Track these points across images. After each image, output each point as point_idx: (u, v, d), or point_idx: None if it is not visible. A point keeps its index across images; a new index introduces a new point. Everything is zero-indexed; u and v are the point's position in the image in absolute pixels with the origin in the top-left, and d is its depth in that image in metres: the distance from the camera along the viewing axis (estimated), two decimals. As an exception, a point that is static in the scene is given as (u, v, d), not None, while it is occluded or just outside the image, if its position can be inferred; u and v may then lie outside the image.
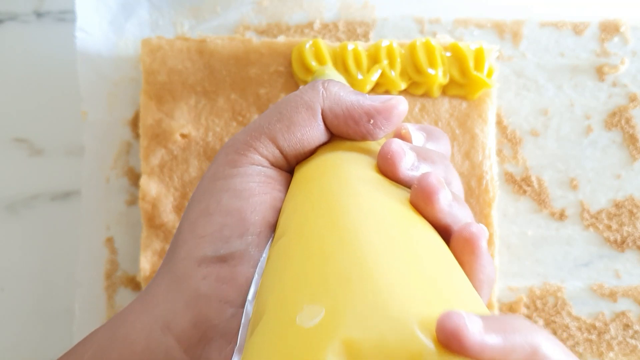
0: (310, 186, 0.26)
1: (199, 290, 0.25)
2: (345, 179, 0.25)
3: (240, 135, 0.28)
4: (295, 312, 0.20)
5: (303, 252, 0.22)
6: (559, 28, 0.43)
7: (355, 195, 0.24)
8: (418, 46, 0.39)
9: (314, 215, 0.24)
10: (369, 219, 0.23)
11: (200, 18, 0.43)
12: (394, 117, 0.28)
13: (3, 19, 0.45)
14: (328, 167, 0.27)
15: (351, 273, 0.20)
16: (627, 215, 0.41)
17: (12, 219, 0.43)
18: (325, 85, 0.29)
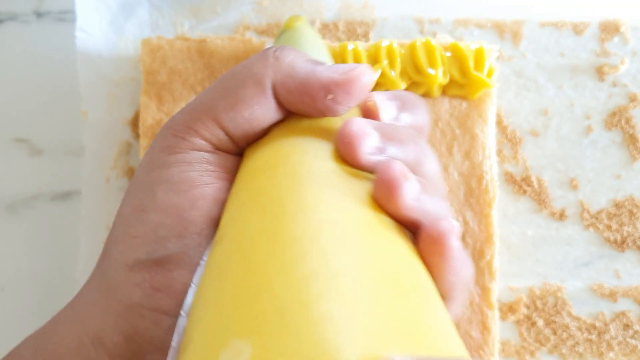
0: (257, 182, 0.23)
1: (132, 299, 0.22)
2: (298, 178, 0.22)
3: (180, 115, 0.24)
4: (220, 347, 0.17)
5: (238, 271, 0.19)
6: (559, 28, 0.43)
7: (305, 203, 0.21)
8: (418, 46, 0.39)
9: (256, 223, 0.21)
10: (319, 234, 0.19)
11: (200, 18, 0.43)
12: (357, 90, 0.24)
13: (3, 19, 0.45)
14: (279, 159, 0.23)
15: (286, 304, 0.17)
16: (627, 215, 0.42)
17: (12, 219, 0.43)
18: (277, 53, 0.24)
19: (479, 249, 0.39)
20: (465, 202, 0.39)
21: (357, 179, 0.22)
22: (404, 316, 0.18)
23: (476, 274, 0.39)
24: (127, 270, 0.23)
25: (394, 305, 0.18)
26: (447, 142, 0.40)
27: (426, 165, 0.24)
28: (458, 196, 0.39)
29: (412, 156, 0.24)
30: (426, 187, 0.23)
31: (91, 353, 0.23)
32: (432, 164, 0.25)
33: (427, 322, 0.19)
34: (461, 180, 0.39)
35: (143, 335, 0.22)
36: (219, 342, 0.17)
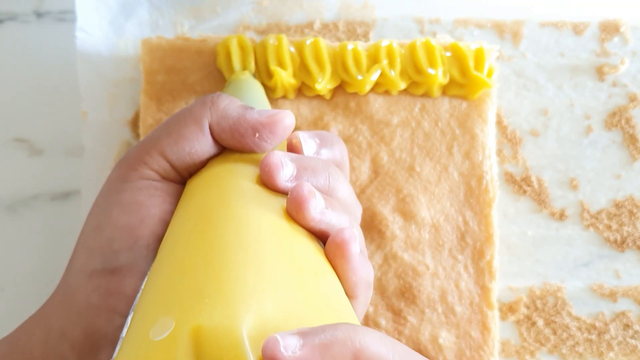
0: (192, 200, 0.27)
1: (90, 301, 0.27)
2: (225, 193, 0.26)
3: (133, 150, 0.29)
4: (151, 324, 0.21)
5: (169, 266, 0.23)
6: (559, 28, 0.43)
7: (230, 212, 0.25)
8: (418, 46, 0.39)
9: (187, 229, 0.25)
10: (238, 232, 0.24)
11: (200, 18, 0.43)
12: (279, 130, 0.29)
13: (3, 18, 0.45)
14: (211, 181, 0.28)
15: (205, 285, 0.21)
16: (627, 215, 0.42)
17: (12, 219, 0.43)
18: (214, 99, 0.29)
19: (479, 249, 0.39)
20: (465, 202, 0.39)
21: (275, 197, 0.27)
22: (308, 293, 0.22)
23: (476, 274, 0.39)
24: (86, 278, 0.27)
25: (300, 285, 0.23)
26: (447, 142, 0.40)
27: (338, 190, 0.29)
28: (458, 196, 0.39)
29: (324, 182, 0.29)
30: (332, 205, 0.28)
31: (57, 346, 0.27)
32: (343, 189, 0.29)
33: (331, 300, 0.23)
34: (461, 180, 0.39)
35: (99, 331, 0.26)
36: (150, 320, 0.21)
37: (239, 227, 0.24)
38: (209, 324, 0.20)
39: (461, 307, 0.38)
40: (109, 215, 0.28)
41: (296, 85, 0.39)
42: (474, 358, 0.38)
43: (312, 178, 0.28)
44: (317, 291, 0.23)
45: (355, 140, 0.40)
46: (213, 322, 0.20)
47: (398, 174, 0.39)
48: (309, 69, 0.39)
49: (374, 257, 0.39)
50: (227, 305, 0.20)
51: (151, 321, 0.21)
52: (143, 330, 0.21)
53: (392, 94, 0.40)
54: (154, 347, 0.20)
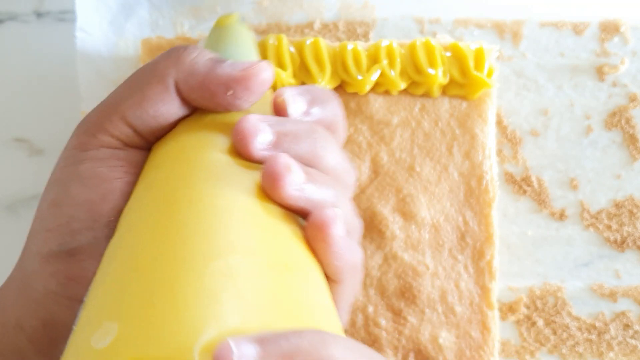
0: (153, 175, 0.24)
1: (48, 288, 0.24)
2: (190, 169, 0.23)
3: (91, 114, 0.26)
4: (93, 330, 0.18)
5: (120, 258, 0.21)
6: (559, 28, 0.43)
7: (194, 194, 0.22)
8: (418, 46, 0.39)
9: (145, 213, 0.22)
10: (200, 221, 0.21)
11: (200, 18, 0.43)
12: (256, 86, 0.25)
13: (3, 18, 0.45)
14: (177, 152, 0.24)
15: (157, 286, 0.18)
16: (627, 215, 0.42)
17: (12, 219, 0.43)
18: (180, 52, 0.26)
19: (479, 249, 0.39)
20: (465, 202, 0.39)
21: (250, 170, 0.23)
22: (277, 294, 0.19)
23: (476, 274, 0.39)
24: (42, 262, 0.24)
25: (270, 283, 0.19)
26: (447, 142, 0.40)
27: (325, 157, 0.25)
28: (458, 196, 0.39)
29: (307, 150, 0.25)
30: (315, 177, 0.24)
31: (13, 338, 0.24)
32: (331, 156, 0.26)
33: (305, 299, 0.20)
34: (461, 180, 0.39)
35: (59, 321, 0.24)
36: (94, 325, 0.19)
37: (202, 215, 0.21)
38: (157, 335, 0.17)
39: (461, 307, 0.38)
40: (67, 191, 0.25)
41: (296, 85, 0.39)
42: (474, 358, 0.38)
43: (293, 145, 0.24)
44: (289, 288, 0.20)
45: (355, 140, 0.40)
46: (162, 334, 0.17)
47: (398, 174, 0.39)
48: (309, 69, 0.39)
49: (374, 257, 0.39)
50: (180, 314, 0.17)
51: (95, 325, 0.18)
52: (85, 335, 0.18)
53: (392, 94, 0.40)
54: (94, 355, 0.17)
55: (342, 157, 0.27)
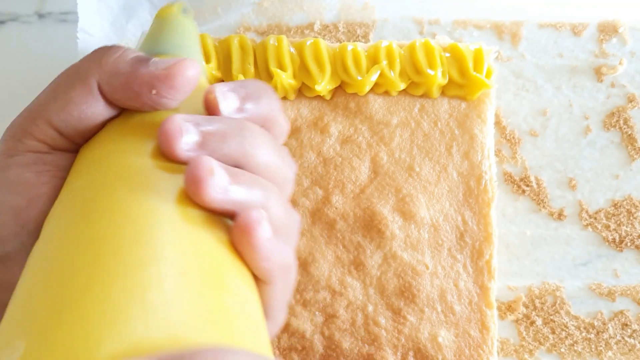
0: (75, 182, 0.23)
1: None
2: (111, 175, 0.22)
3: (17, 118, 0.26)
4: (2, 348, 0.17)
5: (33, 271, 0.20)
6: (558, 29, 0.43)
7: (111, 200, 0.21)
8: (417, 47, 0.39)
9: (63, 223, 0.21)
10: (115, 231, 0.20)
11: (201, 19, 0.43)
12: (180, 84, 0.24)
13: (4, 19, 0.45)
14: (99, 157, 0.24)
15: (62, 304, 0.18)
16: (626, 215, 0.42)
17: (14, 219, 0.44)
18: (103, 52, 0.25)
19: (478, 249, 0.39)
20: (464, 202, 0.39)
21: (175, 174, 0.23)
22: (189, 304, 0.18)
23: (475, 273, 0.39)
24: None
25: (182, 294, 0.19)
26: (446, 142, 0.40)
27: (256, 156, 0.24)
28: (457, 196, 0.39)
29: (235, 148, 0.24)
30: (241, 178, 0.23)
31: None
32: (263, 154, 0.25)
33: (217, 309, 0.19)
34: (460, 180, 0.40)
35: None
36: (4, 343, 0.18)
37: (117, 225, 0.20)
38: (60, 352, 0.16)
39: (460, 306, 0.38)
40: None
41: (296, 86, 0.39)
42: (473, 357, 0.38)
43: (220, 144, 0.23)
44: (204, 297, 0.19)
45: (355, 140, 0.40)
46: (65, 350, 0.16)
47: (397, 174, 0.40)
48: (309, 69, 0.39)
49: (374, 256, 0.39)
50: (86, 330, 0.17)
51: (5, 343, 0.18)
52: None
53: (392, 94, 0.40)
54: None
55: (277, 154, 0.26)
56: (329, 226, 0.39)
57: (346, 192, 0.39)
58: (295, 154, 0.40)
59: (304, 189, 0.39)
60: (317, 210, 0.39)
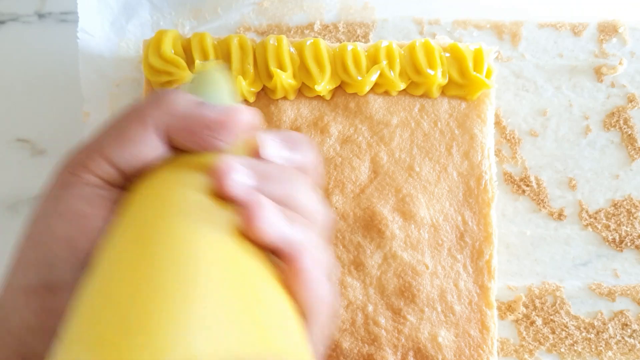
0: (131, 213, 0.24)
1: (26, 321, 0.24)
2: (167, 207, 0.24)
3: (75, 152, 0.27)
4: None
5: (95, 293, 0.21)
6: (558, 29, 0.43)
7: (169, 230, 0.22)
8: (417, 47, 0.39)
9: (121, 250, 0.22)
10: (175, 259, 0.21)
11: (201, 19, 0.43)
12: (235, 128, 0.26)
13: (5, 19, 0.45)
14: (155, 191, 0.25)
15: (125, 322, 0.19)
16: (626, 215, 0.42)
17: (14, 219, 0.44)
18: (163, 95, 0.27)
19: (478, 249, 0.39)
20: (464, 201, 0.39)
21: (225, 210, 0.24)
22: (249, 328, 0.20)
23: (475, 273, 0.39)
24: (21, 295, 0.25)
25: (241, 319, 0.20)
26: (446, 142, 0.40)
27: (299, 199, 0.26)
28: (457, 196, 0.39)
29: (281, 191, 0.26)
30: (291, 217, 0.25)
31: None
32: (306, 198, 0.27)
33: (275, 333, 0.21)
34: (460, 180, 0.40)
35: (37, 355, 0.24)
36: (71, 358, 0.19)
37: (177, 252, 0.21)
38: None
39: (460, 306, 0.39)
40: (48, 226, 0.25)
41: (296, 86, 0.39)
42: (473, 357, 0.38)
43: (269, 186, 0.25)
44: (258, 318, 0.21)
45: (355, 140, 0.40)
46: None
47: (397, 174, 0.40)
48: (309, 69, 0.39)
49: (374, 256, 0.39)
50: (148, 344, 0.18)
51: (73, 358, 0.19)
52: None
53: (392, 94, 0.40)
54: None
55: (314, 198, 0.28)
56: (329, 226, 0.39)
57: (346, 192, 0.39)
58: (295, 154, 0.40)
59: (304, 189, 0.39)
60: (317, 210, 0.39)
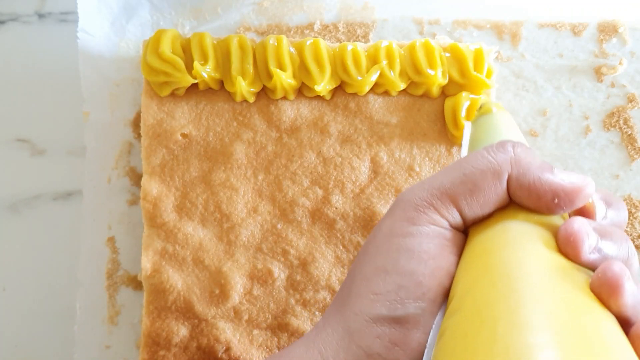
0: (489, 261, 0.25)
1: (372, 348, 0.26)
2: (525, 261, 0.25)
3: (419, 191, 0.28)
4: None
5: (477, 343, 0.22)
6: (558, 29, 0.43)
7: (534, 285, 0.24)
8: (417, 47, 0.39)
9: (491, 299, 0.24)
10: (547, 315, 0.22)
11: (201, 19, 0.43)
12: (580, 199, 0.27)
13: (5, 19, 0.45)
14: (507, 241, 0.26)
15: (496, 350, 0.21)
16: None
17: (14, 219, 0.44)
18: (516, 150, 0.27)
19: (478, 249, 0.39)
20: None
21: (576, 271, 0.25)
22: None
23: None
24: (369, 323, 0.26)
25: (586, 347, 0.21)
26: (446, 142, 0.40)
27: (634, 263, 0.27)
28: (457, 196, 0.39)
29: (624, 255, 0.26)
30: (637, 284, 0.25)
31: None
32: (637, 261, 0.27)
33: None
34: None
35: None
36: None
37: (546, 305, 0.23)
38: None
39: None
40: (396, 260, 0.26)
41: (296, 86, 0.39)
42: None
43: (613, 250, 0.26)
44: None
45: (355, 140, 0.40)
46: None
47: (397, 174, 0.40)
48: (309, 69, 0.39)
49: (374, 256, 0.39)
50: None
51: None
52: None
53: (392, 94, 0.40)
54: None
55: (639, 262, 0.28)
56: (329, 226, 0.39)
57: (346, 192, 0.39)
58: (295, 153, 0.40)
59: (304, 189, 0.39)
60: (317, 210, 0.39)
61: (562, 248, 0.26)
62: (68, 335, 0.42)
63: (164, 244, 0.39)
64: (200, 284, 0.39)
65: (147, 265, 0.39)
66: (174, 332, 0.38)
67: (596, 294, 0.24)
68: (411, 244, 0.26)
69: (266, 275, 0.39)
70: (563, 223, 0.26)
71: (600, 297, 0.24)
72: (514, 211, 0.27)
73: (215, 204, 0.39)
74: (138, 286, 0.42)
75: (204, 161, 0.40)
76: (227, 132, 0.40)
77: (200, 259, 0.39)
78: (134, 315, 0.41)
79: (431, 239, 0.27)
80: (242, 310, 0.39)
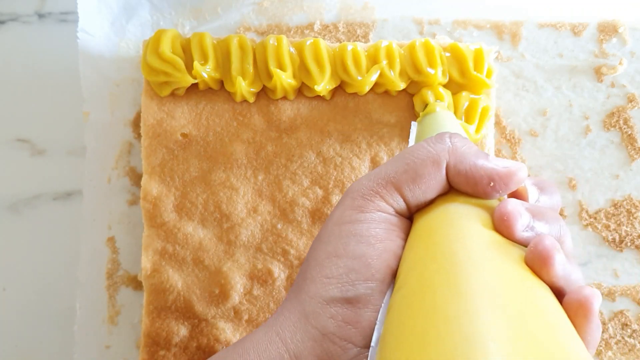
0: (431, 239, 0.27)
1: (327, 328, 0.27)
2: (464, 237, 0.26)
3: (366, 181, 0.30)
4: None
5: (420, 314, 0.24)
6: (558, 29, 0.43)
7: (472, 258, 0.25)
8: (417, 46, 0.39)
9: (432, 272, 0.25)
10: (485, 283, 0.24)
11: (201, 19, 0.43)
12: (513, 183, 0.29)
13: (5, 19, 0.45)
14: (447, 221, 0.28)
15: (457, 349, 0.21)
16: (626, 215, 0.42)
17: (14, 219, 0.44)
18: (453, 140, 0.30)
19: (478, 249, 0.39)
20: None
21: (511, 246, 0.27)
22: (555, 343, 0.22)
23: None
24: (323, 304, 0.28)
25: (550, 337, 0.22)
26: (446, 142, 0.40)
27: (566, 241, 0.29)
28: (457, 196, 0.39)
29: (556, 233, 0.28)
30: (569, 259, 0.27)
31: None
32: (569, 240, 0.29)
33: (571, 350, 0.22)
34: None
35: (332, 359, 0.27)
36: None
37: (487, 279, 0.24)
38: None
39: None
40: (346, 245, 0.28)
41: (296, 86, 0.39)
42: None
43: (545, 229, 0.28)
44: (569, 344, 0.23)
45: (355, 140, 0.40)
46: None
47: (397, 174, 0.40)
48: (309, 69, 0.39)
49: (374, 256, 0.39)
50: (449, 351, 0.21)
51: None
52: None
53: (392, 94, 0.40)
54: None
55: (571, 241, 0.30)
56: (329, 226, 0.39)
57: (346, 192, 0.39)
58: (295, 153, 0.40)
59: (304, 189, 0.39)
60: (317, 210, 0.39)
61: (497, 226, 0.27)
62: (68, 335, 0.42)
63: (163, 244, 0.39)
64: (200, 284, 0.39)
65: (147, 265, 0.39)
66: (174, 332, 0.38)
67: (530, 266, 0.26)
68: (360, 229, 0.28)
69: (266, 275, 0.39)
70: (498, 204, 0.28)
71: (534, 268, 0.26)
72: (454, 196, 0.29)
73: (215, 203, 0.39)
74: (138, 286, 0.42)
75: (203, 161, 0.40)
76: (227, 132, 0.40)
77: (200, 259, 0.39)
78: (134, 315, 0.41)
79: (378, 224, 0.28)
80: (242, 310, 0.39)
